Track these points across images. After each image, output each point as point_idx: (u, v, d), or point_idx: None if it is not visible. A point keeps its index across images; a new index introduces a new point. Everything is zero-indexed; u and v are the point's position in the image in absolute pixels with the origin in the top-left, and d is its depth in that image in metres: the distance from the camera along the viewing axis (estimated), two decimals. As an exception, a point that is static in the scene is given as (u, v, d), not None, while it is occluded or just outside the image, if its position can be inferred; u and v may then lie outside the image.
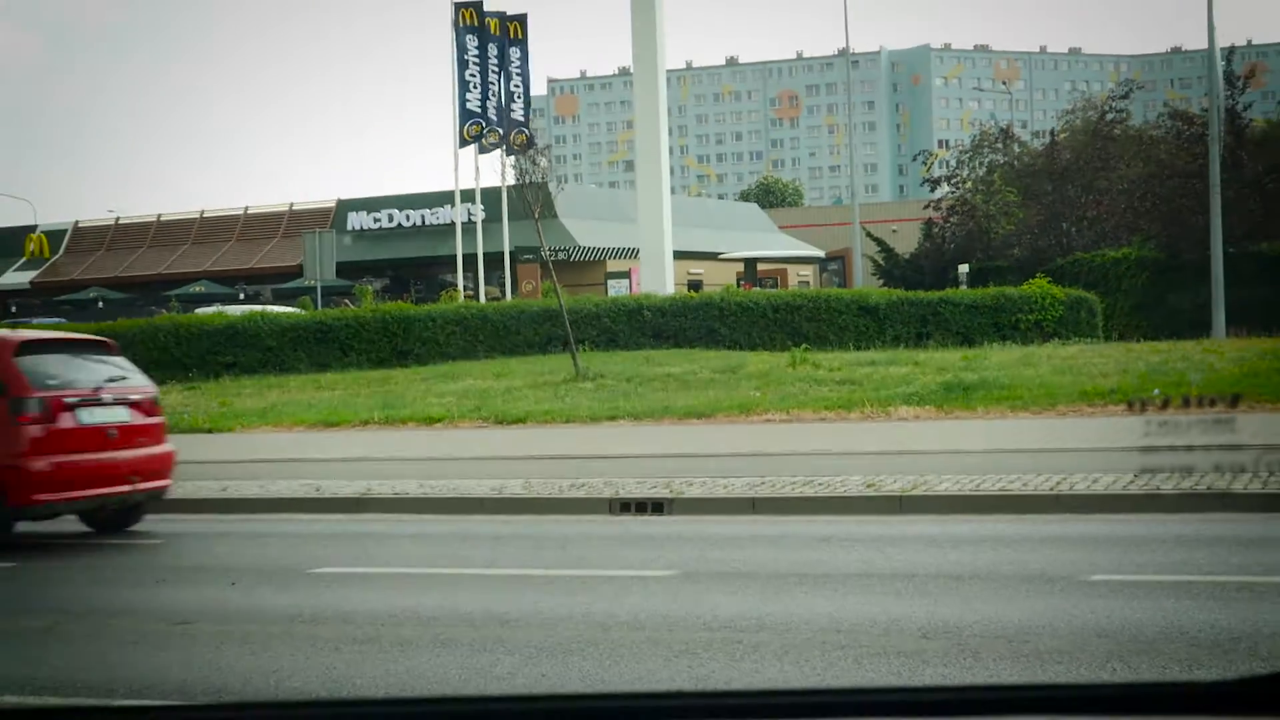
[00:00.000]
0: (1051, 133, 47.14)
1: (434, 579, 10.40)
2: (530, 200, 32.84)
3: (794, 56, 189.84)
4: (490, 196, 45.24)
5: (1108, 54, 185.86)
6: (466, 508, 13.77)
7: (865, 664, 7.16)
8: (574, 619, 8.59)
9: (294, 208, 57.66)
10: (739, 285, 50.19)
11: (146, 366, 30.49)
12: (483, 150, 45.90)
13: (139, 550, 12.31)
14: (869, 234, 49.13)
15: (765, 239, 64.58)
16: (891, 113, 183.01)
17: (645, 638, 7.99)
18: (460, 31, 45.55)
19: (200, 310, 40.10)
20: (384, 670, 7.55)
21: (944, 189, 46.36)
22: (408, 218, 53.69)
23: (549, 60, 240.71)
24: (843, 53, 63.26)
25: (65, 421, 11.96)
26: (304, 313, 36.04)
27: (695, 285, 48.37)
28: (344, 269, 46.37)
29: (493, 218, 44.69)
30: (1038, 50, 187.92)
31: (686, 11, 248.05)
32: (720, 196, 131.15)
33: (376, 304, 37.81)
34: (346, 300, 43.66)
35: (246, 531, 13.34)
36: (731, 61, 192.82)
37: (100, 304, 52.92)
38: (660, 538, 11.77)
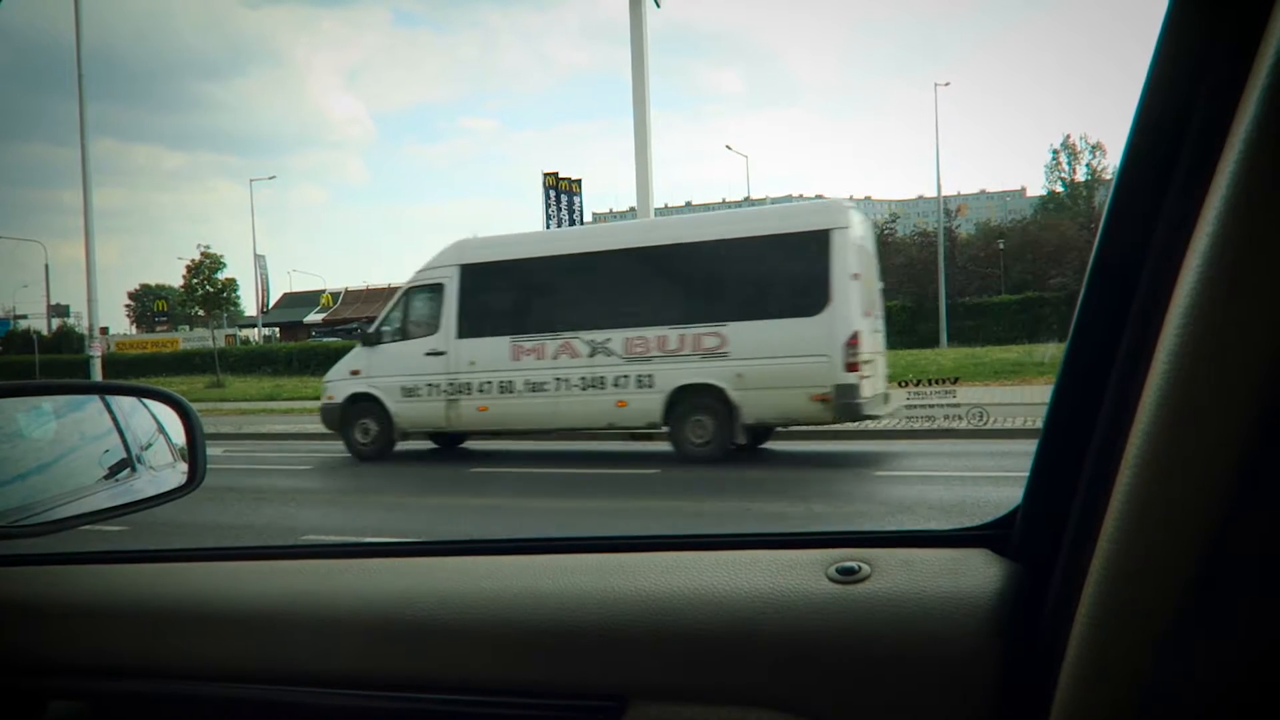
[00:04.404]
0: (856, 240, 46.86)
1: (550, 476, 10.36)
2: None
3: (719, 201, 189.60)
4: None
5: (885, 199, 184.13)
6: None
7: (758, 524, 7.16)
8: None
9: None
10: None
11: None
12: (558, 250, 46.14)
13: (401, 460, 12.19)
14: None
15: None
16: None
17: (643, 507, 7.99)
18: (546, 188, 45.85)
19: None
20: (510, 525, 7.54)
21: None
22: (519, 285, 53.43)
23: (593, 201, 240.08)
24: (747, 199, 63.59)
25: None
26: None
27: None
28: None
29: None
30: (847, 197, 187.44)
31: (664, 172, 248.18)
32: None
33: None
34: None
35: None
36: (688, 204, 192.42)
37: (357, 330, 52.66)
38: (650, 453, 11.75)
